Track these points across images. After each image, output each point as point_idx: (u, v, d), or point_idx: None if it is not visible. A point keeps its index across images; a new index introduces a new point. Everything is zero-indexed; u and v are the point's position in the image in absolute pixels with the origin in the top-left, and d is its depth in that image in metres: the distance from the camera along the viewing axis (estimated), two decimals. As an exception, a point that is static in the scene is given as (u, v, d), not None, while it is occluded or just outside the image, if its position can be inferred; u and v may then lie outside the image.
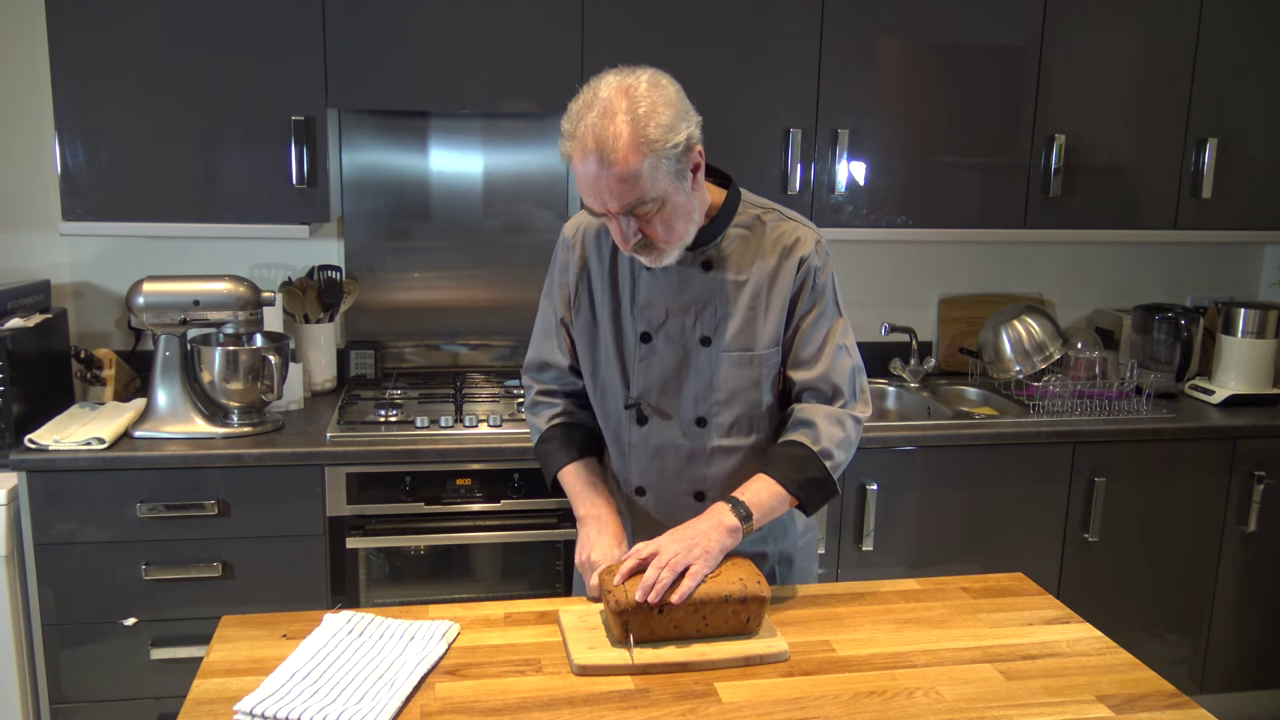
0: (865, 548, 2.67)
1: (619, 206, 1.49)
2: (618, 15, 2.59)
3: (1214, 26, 2.87)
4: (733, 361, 1.66)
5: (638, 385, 1.70)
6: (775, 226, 1.68)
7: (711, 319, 1.66)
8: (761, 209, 1.71)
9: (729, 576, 1.51)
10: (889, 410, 3.13)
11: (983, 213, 2.88)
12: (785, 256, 1.66)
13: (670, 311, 1.66)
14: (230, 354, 2.48)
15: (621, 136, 1.44)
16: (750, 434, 1.71)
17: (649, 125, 1.46)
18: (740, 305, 1.65)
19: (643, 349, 1.68)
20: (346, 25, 2.49)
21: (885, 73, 2.76)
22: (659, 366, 1.68)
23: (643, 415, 1.71)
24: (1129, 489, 2.78)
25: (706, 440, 1.69)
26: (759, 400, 1.69)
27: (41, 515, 2.31)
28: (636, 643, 1.47)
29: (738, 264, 1.66)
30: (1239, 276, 3.47)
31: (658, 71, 1.52)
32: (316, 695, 1.34)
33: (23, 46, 2.70)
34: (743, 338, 1.66)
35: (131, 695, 2.42)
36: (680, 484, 1.73)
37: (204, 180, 2.51)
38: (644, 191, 1.48)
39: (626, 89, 1.47)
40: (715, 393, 1.67)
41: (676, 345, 1.67)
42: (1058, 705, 1.38)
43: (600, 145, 1.45)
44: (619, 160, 1.45)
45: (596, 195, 1.50)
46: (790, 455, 1.63)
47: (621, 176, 1.46)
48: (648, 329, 1.68)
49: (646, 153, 1.46)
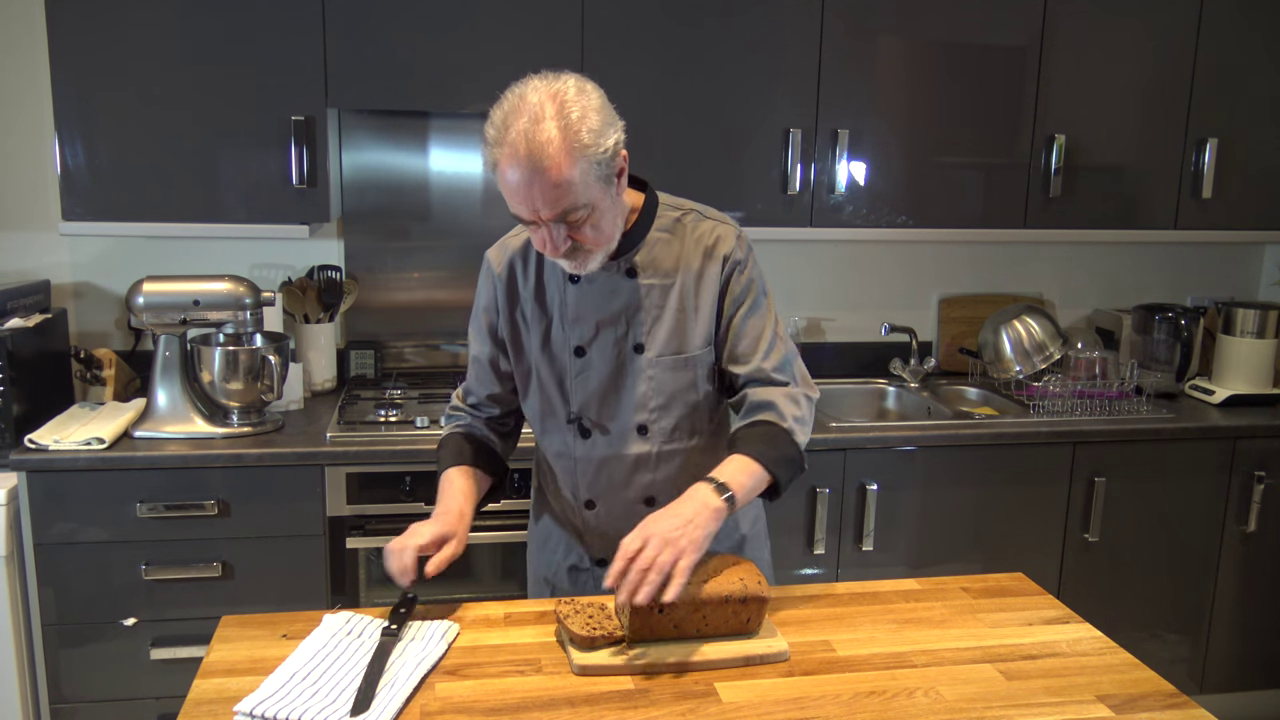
0: (865, 548, 2.67)
1: (551, 213, 1.46)
2: (618, 15, 2.59)
3: (1214, 26, 2.87)
4: (667, 366, 1.66)
5: (576, 399, 1.69)
6: (696, 226, 1.68)
7: (642, 326, 1.65)
8: (681, 210, 1.70)
9: (729, 577, 1.50)
10: (889, 410, 3.13)
11: (983, 213, 2.88)
12: (709, 256, 1.66)
13: (601, 323, 1.65)
14: (230, 354, 2.48)
15: (554, 142, 1.41)
16: (693, 436, 1.71)
17: (581, 130, 1.43)
18: (669, 309, 1.65)
19: (577, 363, 1.67)
20: (346, 25, 2.49)
21: (885, 73, 2.76)
22: (595, 379, 1.67)
23: (585, 429, 1.70)
24: (1129, 489, 2.78)
25: (650, 447, 1.69)
26: (697, 402, 1.70)
27: (41, 515, 2.31)
28: (636, 642, 1.47)
29: (662, 267, 1.65)
30: (1239, 276, 3.47)
31: (582, 77, 1.49)
32: (316, 695, 1.34)
33: (23, 46, 2.70)
34: (675, 341, 1.65)
35: (131, 695, 2.42)
36: (629, 492, 1.72)
37: (204, 180, 2.51)
38: (576, 198, 1.45)
39: (555, 94, 1.43)
40: (653, 399, 1.67)
41: (610, 356, 1.66)
42: (1058, 705, 1.38)
43: (532, 151, 1.41)
44: (552, 166, 1.41)
45: (528, 202, 1.45)
46: (762, 434, 1.60)
47: (555, 183, 1.42)
48: (580, 343, 1.66)
49: (579, 158, 1.43)
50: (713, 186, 2.71)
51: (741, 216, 2.74)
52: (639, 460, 1.70)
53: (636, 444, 1.69)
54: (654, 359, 1.66)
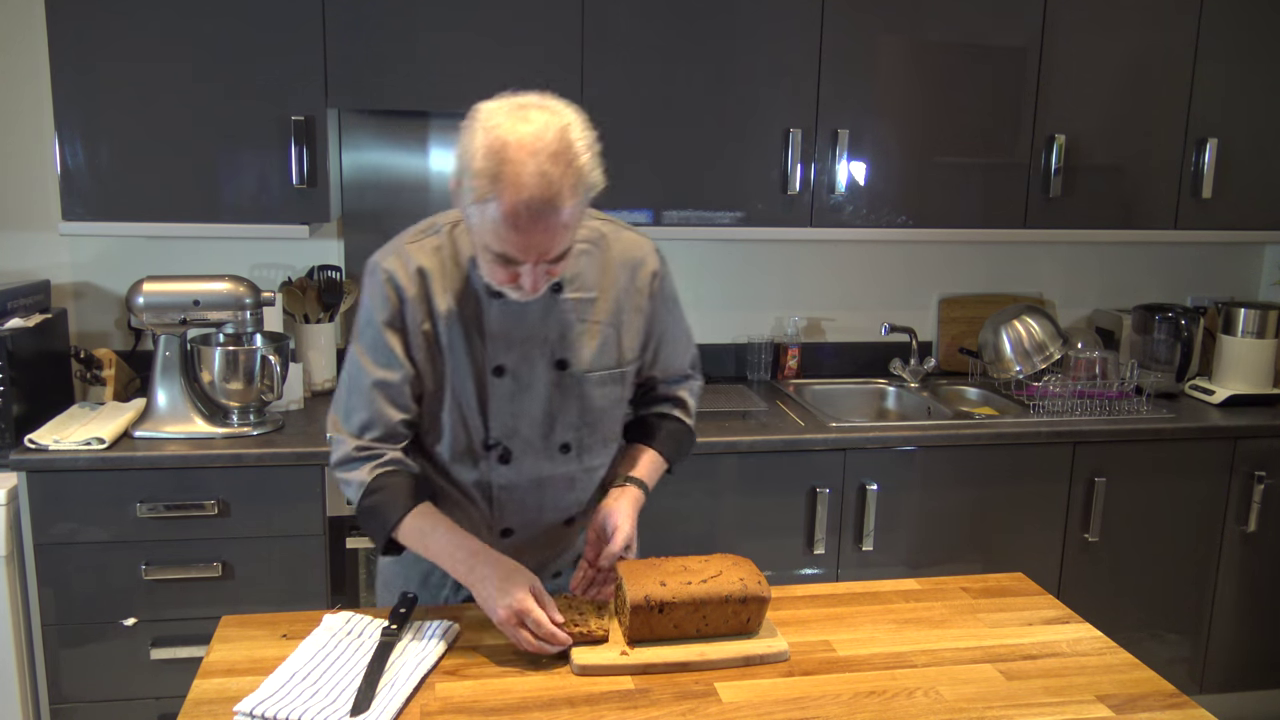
0: (865, 548, 2.67)
1: (551, 256, 1.37)
2: (618, 15, 2.59)
3: (1214, 26, 2.87)
4: (598, 381, 1.60)
5: (497, 423, 1.57)
6: (617, 240, 1.62)
7: (568, 342, 1.57)
8: (600, 221, 1.62)
9: (729, 577, 1.50)
10: (889, 410, 3.13)
11: (983, 213, 2.88)
12: (635, 272, 1.62)
13: (524, 340, 1.55)
14: (230, 354, 2.48)
15: (567, 189, 1.32)
16: (610, 446, 1.70)
17: (594, 171, 1.36)
18: (598, 324, 1.59)
19: (498, 383, 1.56)
20: (346, 25, 2.49)
21: (885, 73, 2.76)
22: (518, 399, 1.57)
23: (506, 453, 1.59)
24: (1129, 489, 2.78)
25: (574, 466, 1.63)
26: (621, 415, 1.69)
27: (41, 515, 2.31)
28: (636, 642, 1.47)
29: (588, 282, 1.58)
30: (1239, 276, 3.47)
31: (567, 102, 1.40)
32: (316, 696, 1.34)
33: (23, 46, 2.70)
34: (606, 356, 1.60)
35: (131, 695, 2.42)
36: (551, 515, 1.65)
37: (204, 180, 2.51)
38: (571, 237, 1.38)
39: (563, 131, 1.33)
40: (582, 416, 1.61)
41: (534, 374, 1.57)
42: (1058, 705, 1.38)
43: (549, 199, 1.31)
44: (565, 211, 1.33)
45: (528, 245, 1.34)
46: (675, 433, 1.75)
47: (566, 224, 1.34)
48: (501, 362, 1.55)
49: (582, 198, 1.36)
50: (713, 186, 2.72)
51: (742, 216, 2.74)
52: (564, 481, 1.64)
53: (561, 464, 1.62)
54: (583, 375, 1.59)
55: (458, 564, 1.50)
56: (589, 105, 2.82)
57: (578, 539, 1.73)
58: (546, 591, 1.47)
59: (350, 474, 1.57)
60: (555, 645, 1.44)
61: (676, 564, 1.53)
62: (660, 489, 2.49)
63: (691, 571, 1.51)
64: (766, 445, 2.57)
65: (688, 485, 2.57)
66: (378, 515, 1.54)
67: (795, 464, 2.60)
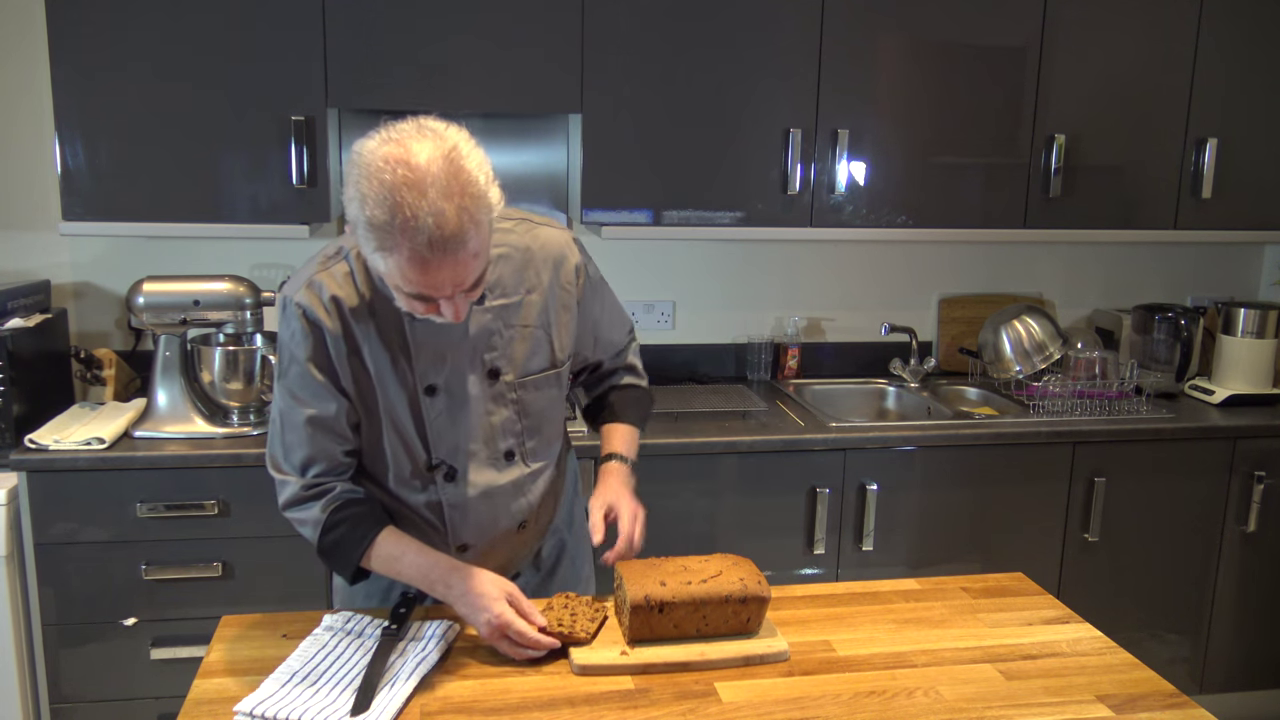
0: (865, 548, 2.67)
1: (466, 285, 1.33)
2: (618, 15, 2.59)
3: (1214, 26, 2.87)
4: (535, 385, 1.59)
5: (438, 441, 1.54)
6: (535, 239, 1.58)
7: (498, 350, 1.55)
8: (511, 220, 1.58)
9: (729, 576, 1.50)
10: (889, 410, 3.13)
11: (983, 213, 2.88)
12: (558, 268, 1.59)
13: (452, 356, 1.52)
14: (230, 354, 2.48)
15: (468, 213, 1.26)
16: (554, 446, 1.69)
17: (489, 192, 1.30)
18: (527, 327, 1.56)
19: (432, 402, 1.52)
20: (346, 25, 2.49)
21: (885, 73, 2.76)
22: (454, 415, 1.54)
23: (451, 471, 1.56)
24: (1129, 489, 2.78)
25: (520, 471, 1.62)
26: (560, 414, 1.69)
27: (41, 515, 2.31)
28: (636, 642, 1.47)
29: (509, 287, 1.55)
30: (1239, 276, 3.47)
31: (447, 122, 1.33)
32: (316, 695, 1.34)
33: (23, 46, 2.70)
34: (539, 359, 1.59)
35: (131, 695, 2.42)
36: (505, 523, 1.63)
37: (204, 180, 2.51)
38: (484, 261, 1.34)
39: (448, 154, 1.27)
40: (519, 422, 1.59)
41: (466, 388, 1.54)
42: (1058, 705, 1.38)
43: (447, 231, 1.24)
44: (469, 240, 1.27)
45: (439, 284, 1.30)
46: (636, 400, 1.79)
47: (475, 254, 1.29)
48: (431, 381, 1.52)
49: (485, 222, 1.30)
50: (713, 186, 2.72)
51: (741, 216, 2.74)
52: (512, 488, 1.62)
53: (508, 471, 1.61)
54: (515, 381, 1.57)
55: (435, 585, 1.50)
56: (589, 105, 2.83)
57: (532, 542, 1.72)
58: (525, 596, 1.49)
59: (303, 514, 1.55)
60: (541, 650, 1.45)
61: (676, 564, 1.53)
62: (660, 489, 2.51)
63: (691, 571, 1.51)
64: (766, 445, 2.57)
65: (688, 485, 2.57)
66: (341, 551, 1.52)
67: (795, 464, 2.60)
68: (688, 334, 3.17)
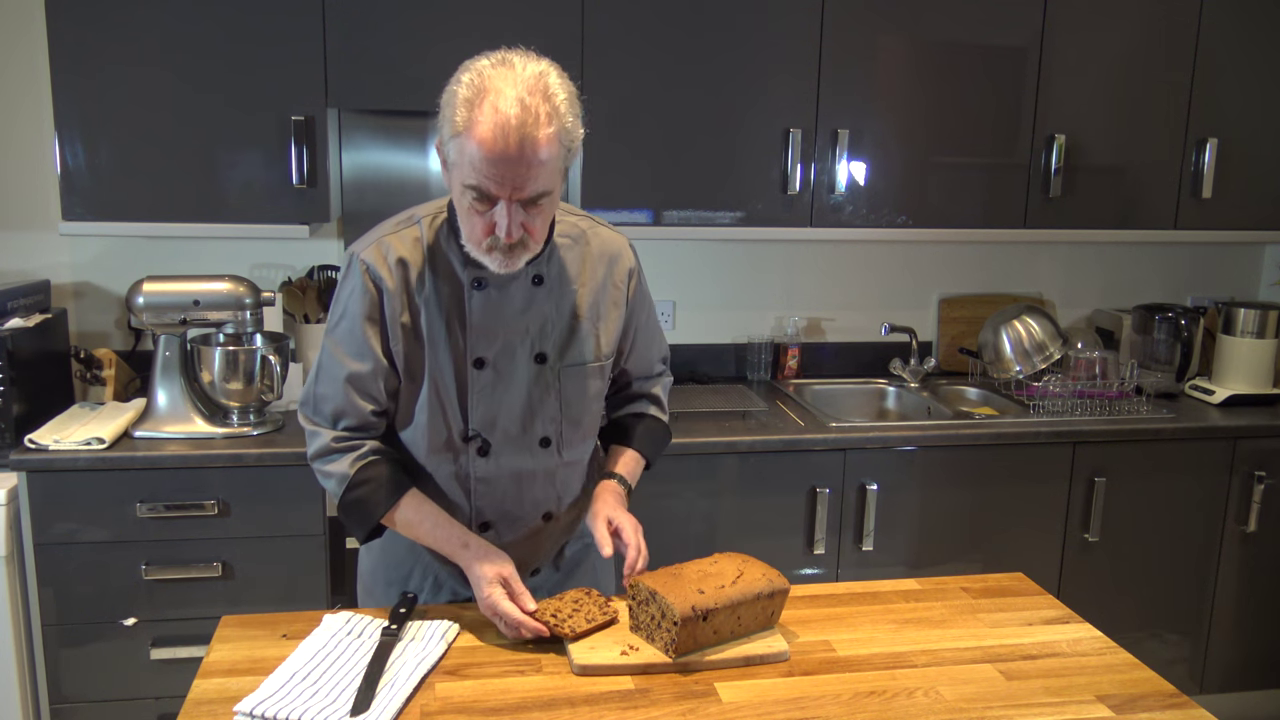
0: (865, 548, 2.67)
1: (526, 193, 1.37)
2: (617, 16, 2.59)
3: (1214, 26, 2.87)
4: (578, 375, 1.61)
5: (477, 414, 1.56)
6: (595, 235, 1.64)
7: (548, 335, 1.58)
8: (578, 217, 1.64)
9: (752, 574, 1.51)
10: (889, 410, 3.13)
11: (983, 213, 2.88)
12: (613, 267, 1.64)
13: (505, 333, 1.55)
14: (230, 354, 2.48)
15: (546, 116, 1.35)
16: (589, 441, 1.70)
17: (569, 115, 1.39)
18: (578, 317, 1.60)
19: (479, 375, 1.55)
20: (346, 25, 2.49)
21: (885, 73, 2.76)
22: (498, 392, 1.56)
23: (485, 446, 1.58)
24: (1129, 489, 2.78)
25: (554, 460, 1.63)
26: (599, 409, 1.69)
27: (41, 515, 2.31)
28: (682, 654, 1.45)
29: (568, 276, 1.59)
30: (1239, 276, 3.47)
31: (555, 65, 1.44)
32: (316, 696, 1.34)
33: (23, 46, 2.70)
34: (585, 350, 1.61)
35: (131, 695, 2.42)
36: (531, 510, 1.65)
37: (204, 180, 2.51)
38: (548, 181, 1.39)
39: (542, 73, 1.38)
40: (562, 410, 1.61)
41: (515, 367, 1.56)
42: (1058, 705, 1.38)
43: (525, 123, 1.33)
44: (541, 142, 1.35)
45: (503, 176, 1.35)
46: (652, 431, 1.76)
47: (542, 159, 1.36)
48: (482, 354, 1.54)
49: (560, 141, 1.38)
50: (713, 186, 2.72)
51: (742, 216, 2.74)
52: (543, 475, 1.63)
53: (542, 459, 1.62)
54: (564, 369, 1.60)
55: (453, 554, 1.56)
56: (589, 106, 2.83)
57: (558, 538, 1.72)
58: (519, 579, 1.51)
59: (331, 466, 1.56)
60: (530, 633, 1.48)
61: (694, 570, 1.52)
62: (660, 489, 2.51)
63: (713, 575, 1.50)
64: (766, 445, 2.57)
65: (688, 485, 2.57)
66: (362, 509, 1.55)
67: (795, 464, 2.60)
68: (688, 334, 3.17)
